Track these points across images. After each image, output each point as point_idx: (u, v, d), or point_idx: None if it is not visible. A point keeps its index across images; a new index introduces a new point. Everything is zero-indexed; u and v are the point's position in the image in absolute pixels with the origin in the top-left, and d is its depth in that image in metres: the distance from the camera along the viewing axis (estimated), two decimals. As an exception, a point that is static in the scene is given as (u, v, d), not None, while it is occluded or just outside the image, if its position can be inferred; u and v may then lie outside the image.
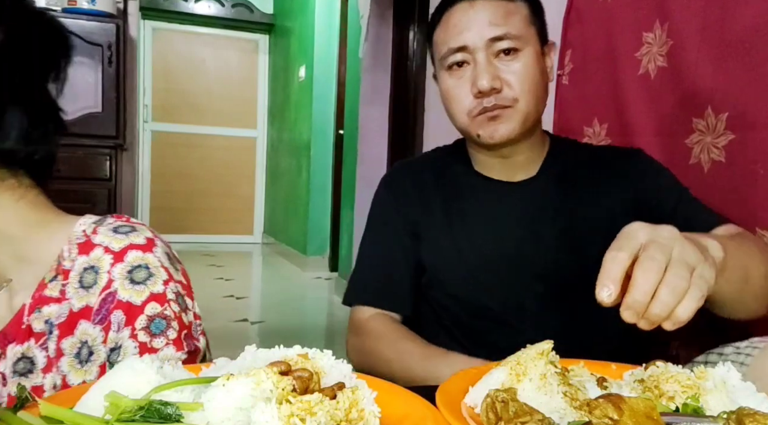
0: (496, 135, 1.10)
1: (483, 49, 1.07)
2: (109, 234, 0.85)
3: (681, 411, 0.58)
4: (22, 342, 0.83)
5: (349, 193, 4.88)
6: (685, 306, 0.62)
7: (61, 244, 0.86)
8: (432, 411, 0.57)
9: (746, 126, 1.23)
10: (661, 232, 0.67)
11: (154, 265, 0.84)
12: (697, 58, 1.33)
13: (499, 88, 1.07)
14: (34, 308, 0.84)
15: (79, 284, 0.83)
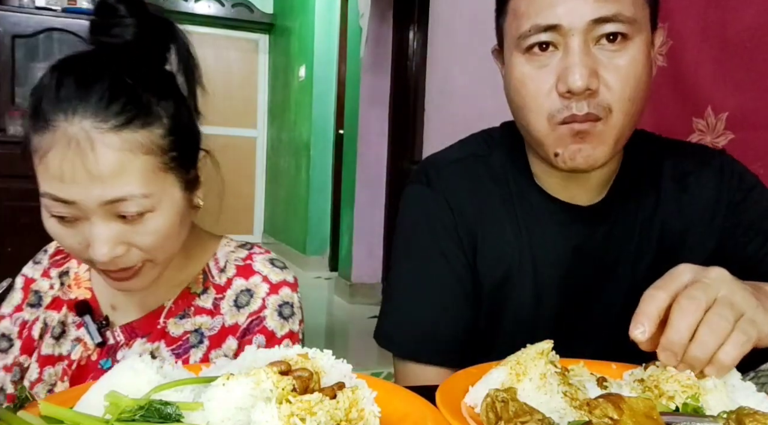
0: (580, 159, 0.83)
1: (582, 33, 0.79)
2: (268, 265, 0.96)
3: (681, 410, 0.58)
4: (153, 341, 0.90)
5: (349, 193, 4.87)
6: (726, 350, 0.59)
7: (205, 259, 0.95)
8: (432, 411, 0.57)
9: (746, 126, 1.23)
10: (708, 272, 0.63)
11: (296, 306, 0.95)
12: (697, 58, 1.33)
13: (597, 87, 0.79)
14: (176, 313, 0.91)
15: (234, 303, 0.92)
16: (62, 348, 0.92)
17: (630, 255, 0.95)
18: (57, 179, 0.73)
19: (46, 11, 3.78)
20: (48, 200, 0.74)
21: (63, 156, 0.72)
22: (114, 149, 0.73)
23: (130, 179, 0.74)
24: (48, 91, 0.74)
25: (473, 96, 2.86)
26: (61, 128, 0.72)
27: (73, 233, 0.76)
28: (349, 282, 4.76)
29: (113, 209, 0.74)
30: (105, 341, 0.90)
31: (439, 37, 3.36)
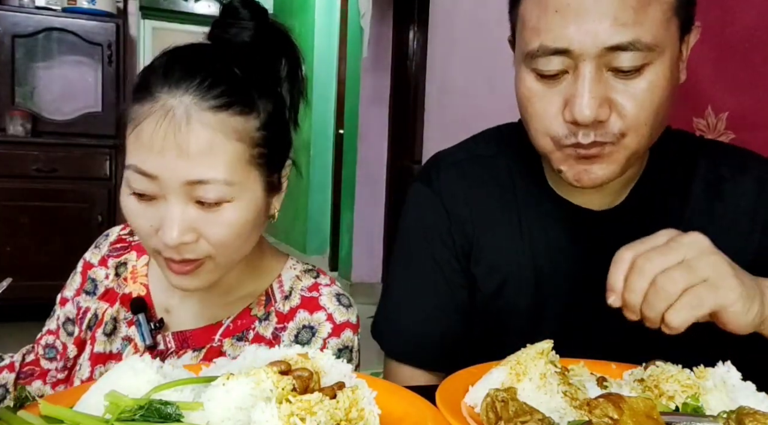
0: (586, 179, 0.78)
1: (594, 58, 0.71)
2: (334, 302, 0.90)
3: (681, 410, 0.58)
4: (208, 359, 0.84)
5: (349, 192, 4.87)
6: (673, 314, 0.60)
7: (269, 280, 0.92)
8: (432, 411, 0.57)
9: (746, 125, 1.23)
10: (683, 237, 0.63)
11: (355, 350, 0.91)
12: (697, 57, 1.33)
13: (606, 118, 0.73)
14: (234, 333, 0.88)
15: (295, 338, 0.88)
16: (113, 345, 0.90)
17: None
18: (146, 148, 0.73)
19: (46, 11, 3.77)
20: (132, 173, 0.74)
21: (157, 125, 0.72)
22: (208, 128, 0.73)
23: (217, 162, 0.74)
24: (157, 69, 0.76)
25: (473, 95, 2.86)
26: (162, 99, 0.73)
27: (148, 212, 0.75)
28: (349, 282, 4.76)
29: (193, 192, 0.73)
30: (155, 345, 0.87)
31: (439, 36, 3.36)
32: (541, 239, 0.91)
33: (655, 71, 0.72)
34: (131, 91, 0.78)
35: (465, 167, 0.97)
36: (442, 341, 0.94)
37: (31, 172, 3.58)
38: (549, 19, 0.72)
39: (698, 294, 0.61)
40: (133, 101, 0.76)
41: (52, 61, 3.83)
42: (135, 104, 0.75)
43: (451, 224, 0.94)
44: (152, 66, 0.78)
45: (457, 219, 0.94)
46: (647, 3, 0.70)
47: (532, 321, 0.91)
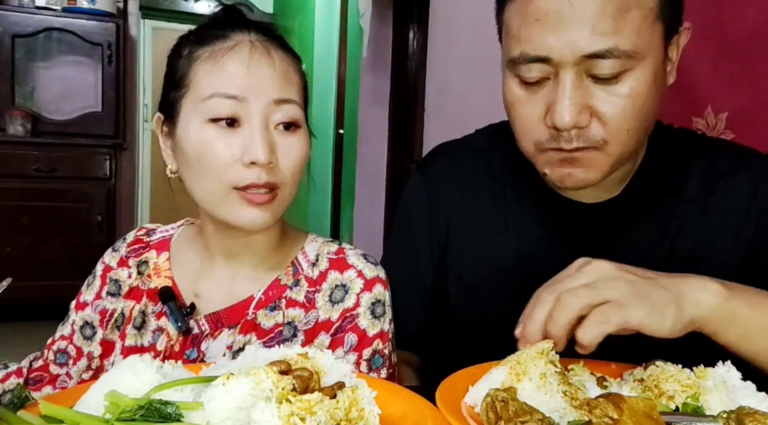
0: (569, 182, 0.80)
1: (573, 65, 0.72)
2: (362, 260, 0.94)
3: (681, 410, 0.58)
4: (245, 333, 0.88)
5: (349, 192, 4.87)
6: (584, 332, 0.62)
7: (294, 252, 0.96)
8: (432, 411, 0.57)
9: (746, 125, 1.23)
10: (587, 266, 0.67)
11: (387, 303, 0.93)
12: (697, 57, 1.33)
13: (586, 124, 0.74)
14: (266, 304, 0.90)
15: (329, 298, 0.91)
16: (144, 338, 0.91)
17: (635, 260, 0.86)
18: (233, 74, 0.81)
19: (46, 11, 3.77)
20: (218, 99, 0.80)
21: (249, 53, 0.82)
22: (284, 59, 0.89)
23: (292, 86, 0.92)
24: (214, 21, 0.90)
25: (473, 96, 2.85)
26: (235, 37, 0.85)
27: (233, 140, 0.80)
28: (349, 282, 4.76)
29: (275, 113, 0.84)
30: (189, 329, 0.89)
31: (439, 37, 3.36)
32: (529, 232, 0.92)
33: (636, 77, 0.73)
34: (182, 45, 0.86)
35: (460, 157, 1.00)
36: (407, 325, 0.98)
37: (30, 172, 3.58)
38: (529, 27, 0.74)
39: (604, 312, 0.62)
40: (196, 44, 0.83)
41: (52, 61, 3.83)
42: (207, 45, 0.82)
43: (432, 211, 0.98)
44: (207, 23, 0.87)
45: (441, 207, 0.97)
46: (626, 10, 0.71)
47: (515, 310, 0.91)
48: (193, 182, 0.84)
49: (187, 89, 0.82)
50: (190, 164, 0.83)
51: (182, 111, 0.83)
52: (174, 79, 0.85)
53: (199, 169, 0.82)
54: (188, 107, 0.82)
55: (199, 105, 0.80)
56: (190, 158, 0.82)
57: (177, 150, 0.85)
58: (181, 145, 0.83)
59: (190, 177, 0.85)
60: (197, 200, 0.86)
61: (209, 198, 0.83)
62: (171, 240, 0.98)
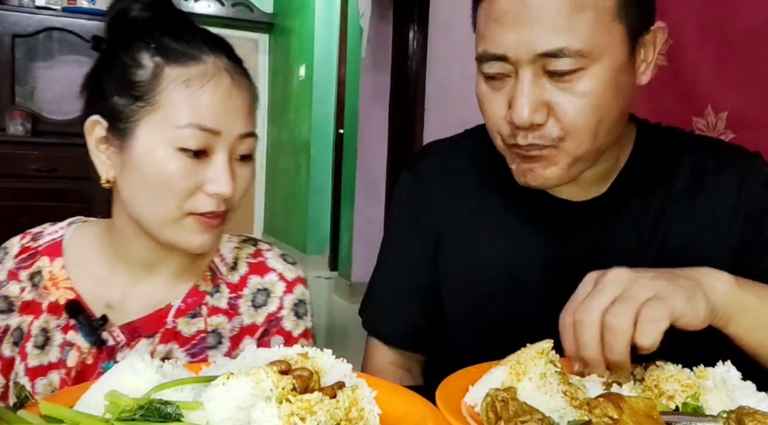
0: (530, 178, 0.81)
1: (529, 64, 0.74)
2: (281, 262, 0.96)
3: (681, 410, 0.58)
4: (165, 342, 0.88)
5: (349, 192, 4.87)
6: (641, 337, 0.61)
7: (210, 255, 0.94)
8: (432, 410, 0.57)
9: (746, 125, 1.23)
10: (604, 277, 0.66)
11: (308, 301, 0.96)
12: (697, 57, 1.33)
13: (543, 122, 0.76)
14: (186, 312, 0.89)
15: (252, 303, 0.92)
16: (50, 355, 0.86)
17: (624, 258, 0.85)
18: (208, 106, 0.79)
19: (46, 10, 3.78)
20: (193, 130, 0.78)
21: (220, 86, 0.81)
22: (248, 90, 0.86)
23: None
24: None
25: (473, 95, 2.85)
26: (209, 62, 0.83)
27: (197, 169, 0.79)
28: (349, 282, 4.76)
29: (239, 146, 0.82)
30: (103, 342, 0.86)
31: (439, 36, 3.36)
32: (517, 230, 0.93)
33: (592, 77, 0.74)
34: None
35: (448, 155, 1.00)
36: (407, 322, 0.99)
37: (30, 172, 3.58)
38: (491, 27, 0.77)
39: (653, 308, 0.61)
40: (174, 64, 0.80)
41: (52, 60, 3.84)
42: (179, 66, 0.79)
43: (421, 209, 0.98)
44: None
45: (429, 205, 0.98)
46: (581, 10, 0.72)
47: (507, 309, 0.93)
48: (145, 201, 0.81)
49: (154, 109, 0.79)
50: (146, 185, 0.80)
51: (142, 129, 0.79)
52: (129, 89, 0.80)
53: (156, 192, 0.79)
54: (153, 127, 0.79)
55: (170, 131, 0.78)
56: (149, 179, 0.79)
57: (128, 165, 0.81)
58: (139, 164, 0.80)
59: (141, 196, 0.81)
60: (140, 218, 0.83)
61: (159, 220, 0.81)
62: (62, 244, 0.92)
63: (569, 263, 0.89)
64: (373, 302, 1.03)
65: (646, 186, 0.89)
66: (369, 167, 4.69)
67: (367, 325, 1.04)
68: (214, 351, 0.89)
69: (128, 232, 0.87)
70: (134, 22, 0.83)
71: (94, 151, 0.85)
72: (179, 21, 0.85)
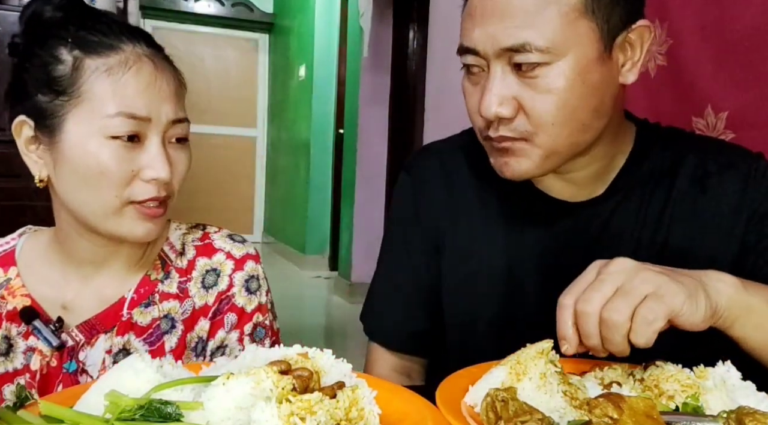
0: (506, 171, 0.83)
1: (496, 58, 0.77)
2: (228, 241, 0.96)
3: (681, 410, 0.58)
4: (122, 334, 0.88)
5: (349, 192, 4.87)
6: (636, 338, 0.61)
7: (159, 244, 0.94)
8: (432, 410, 0.57)
9: (746, 125, 1.23)
10: (609, 267, 0.65)
11: (261, 277, 0.96)
12: (697, 57, 1.33)
13: (510, 115, 0.78)
14: (139, 302, 0.90)
15: (202, 284, 0.93)
16: (15, 362, 0.87)
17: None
18: (136, 92, 0.80)
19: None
20: (121, 119, 0.79)
21: (143, 71, 0.81)
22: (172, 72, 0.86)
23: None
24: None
25: (473, 95, 2.85)
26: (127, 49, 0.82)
27: (131, 155, 0.80)
28: (349, 282, 4.76)
29: (173, 131, 0.84)
30: (63, 343, 0.86)
31: (438, 36, 3.36)
32: (515, 229, 0.93)
33: (556, 73, 0.75)
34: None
35: (446, 156, 1.00)
36: (410, 325, 0.98)
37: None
38: (465, 22, 0.81)
39: (649, 309, 0.61)
40: (91, 55, 0.80)
41: (51, 60, 3.83)
42: (98, 56, 0.79)
43: (420, 211, 0.98)
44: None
45: (429, 206, 0.98)
46: (543, 6, 0.74)
47: (505, 310, 0.93)
48: (82, 194, 0.81)
49: (79, 101, 0.79)
50: (81, 178, 0.80)
51: (70, 123, 0.79)
52: (51, 84, 0.80)
53: (93, 183, 0.79)
54: (81, 120, 0.79)
55: (99, 121, 0.78)
56: (83, 172, 0.79)
57: (60, 161, 0.81)
58: (71, 158, 0.80)
59: (77, 190, 0.81)
60: (79, 213, 0.83)
61: (100, 212, 0.81)
62: (15, 253, 0.93)
63: (568, 263, 0.87)
64: (375, 306, 1.02)
65: (646, 187, 0.88)
66: (369, 167, 4.69)
67: (369, 330, 1.02)
68: (168, 335, 0.89)
69: (71, 232, 0.87)
70: (49, 23, 0.84)
71: (25, 152, 0.86)
72: (92, 16, 0.85)
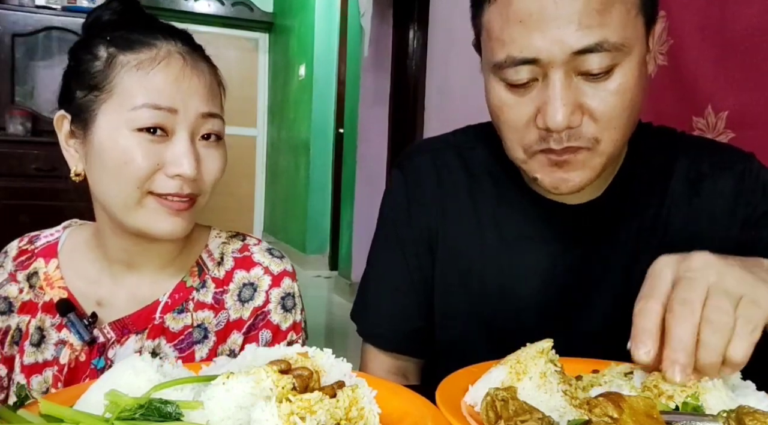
0: (563, 187, 0.78)
1: (563, 64, 0.71)
2: (267, 256, 0.96)
3: (681, 409, 0.58)
4: (153, 338, 0.88)
5: (349, 191, 4.87)
6: (735, 347, 0.55)
7: (197, 251, 0.95)
8: (432, 410, 0.57)
9: (746, 124, 1.23)
10: (690, 263, 0.58)
11: (297, 295, 0.96)
12: (698, 57, 1.33)
13: (579, 124, 0.73)
14: (173, 307, 0.90)
15: (238, 297, 0.93)
16: (45, 353, 0.88)
17: (622, 261, 0.87)
18: (163, 87, 0.80)
19: (45, 10, 3.77)
20: (147, 110, 0.79)
21: (174, 66, 0.82)
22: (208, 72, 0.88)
23: None
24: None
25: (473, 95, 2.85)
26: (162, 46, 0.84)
27: (153, 149, 0.80)
28: (349, 281, 4.76)
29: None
30: (94, 339, 0.87)
31: (439, 36, 3.36)
32: (511, 232, 0.91)
33: (624, 72, 0.72)
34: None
35: (439, 154, 0.97)
36: (404, 324, 0.97)
37: (30, 171, 3.58)
38: (513, 29, 0.72)
39: (747, 318, 0.55)
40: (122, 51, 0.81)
41: (51, 60, 3.83)
42: (131, 53, 0.81)
43: (412, 208, 0.96)
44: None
45: (420, 203, 0.96)
46: (611, 4, 0.70)
47: (500, 311, 0.92)
48: (107, 186, 0.82)
49: (110, 95, 0.81)
50: (107, 170, 0.81)
51: (101, 116, 0.81)
52: (87, 80, 0.83)
53: (117, 174, 0.80)
54: (111, 113, 0.81)
55: (126, 113, 0.79)
56: (109, 163, 0.80)
57: (91, 154, 0.83)
58: (100, 150, 0.81)
59: (103, 181, 0.83)
60: (106, 206, 0.84)
61: (122, 203, 0.82)
62: (57, 246, 0.95)
63: (565, 265, 0.89)
64: (367, 306, 1.00)
65: (643, 189, 0.88)
66: (369, 167, 4.69)
67: (362, 331, 1.01)
68: (200, 345, 0.90)
69: (106, 229, 0.88)
70: (105, 25, 0.85)
71: (65, 146, 0.88)
72: (141, 18, 0.88)
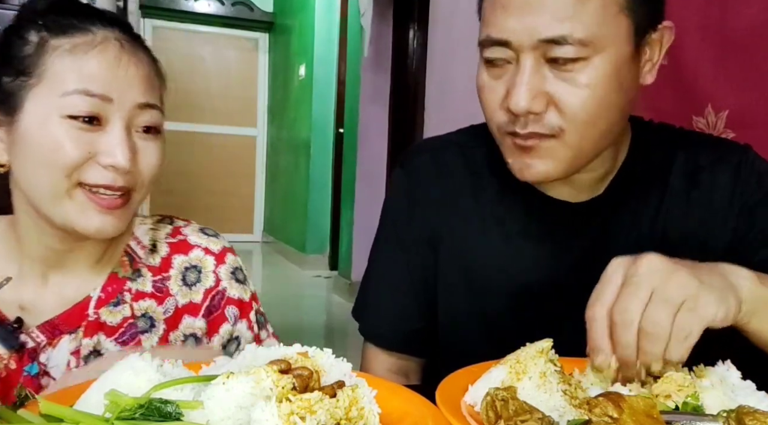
0: (527, 173, 0.80)
1: (531, 50, 0.74)
2: (203, 236, 0.94)
3: (681, 409, 0.58)
4: (90, 336, 0.84)
5: (349, 191, 4.87)
6: (671, 352, 0.59)
7: (124, 241, 0.91)
8: (432, 410, 0.57)
9: (746, 124, 1.23)
10: (637, 268, 0.61)
11: (243, 267, 0.95)
12: (697, 56, 1.33)
13: (541, 110, 0.75)
14: (107, 301, 0.86)
15: (183, 282, 0.90)
16: None
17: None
18: (101, 72, 0.77)
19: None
20: (79, 96, 0.75)
21: (109, 53, 0.78)
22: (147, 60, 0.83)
23: None
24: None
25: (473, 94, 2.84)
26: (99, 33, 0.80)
27: (85, 138, 0.76)
28: (349, 281, 4.76)
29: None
30: (22, 345, 0.81)
31: (438, 35, 3.36)
32: (513, 229, 0.92)
33: (594, 68, 0.74)
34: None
35: (440, 153, 0.98)
36: (405, 323, 0.97)
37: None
38: (496, 13, 0.77)
39: (683, 326, 0.59)
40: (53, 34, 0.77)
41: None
42: (64, 36, 0.77)
43: (415, 208, 0.96)
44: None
45: (422, 203, 0.96)
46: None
47: (503, 310, 0.92)
48: (34, 175, 0.77)
49: (39, 80, 0.76)
50: (34, 158, 0.77)
51: (30, 103, 0.77)
52: (15, 65, 0.78)
53: (44, 163, 0.76)
54: (40, 99, 0.76)
55: (56, 100, 0.75)
56: (37, 151, 0.76)
57: (17, 142, 0.78)
58: (27, 138, 0.77)
59: (30, 170, 0.78)
60: (32, 197, 0.79)
61: (49, 193, 0.77)
62: None
63: (567, 263, 0.89)
64: (368, 305, 1.00)
65: (642, 185, 0.89)
66: (369, 166, 4.69)
67: (363, 330, 1.00)
68: (148, 334, 0.87)
69: (31, 225, 0.83)
70: (37, 11, 0.81)
71: None
72: (77, 5, 0.83)
